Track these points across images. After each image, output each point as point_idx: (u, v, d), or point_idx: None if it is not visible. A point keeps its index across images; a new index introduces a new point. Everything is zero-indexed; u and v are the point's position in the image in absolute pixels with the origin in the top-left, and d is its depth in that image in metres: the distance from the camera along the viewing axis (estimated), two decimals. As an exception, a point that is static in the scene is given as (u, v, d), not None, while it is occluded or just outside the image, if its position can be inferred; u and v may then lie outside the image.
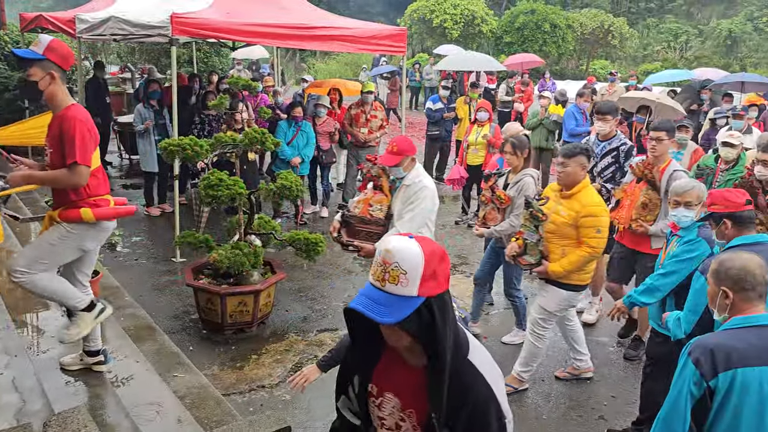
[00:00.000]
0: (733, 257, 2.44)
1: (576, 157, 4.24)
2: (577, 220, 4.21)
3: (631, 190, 5.05)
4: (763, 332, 2.33)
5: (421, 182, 4.34)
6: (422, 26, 26.30)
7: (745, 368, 2.27)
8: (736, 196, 3.30)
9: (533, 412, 4.53)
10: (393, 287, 1.60)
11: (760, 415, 2.29)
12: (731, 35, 29.77)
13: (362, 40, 7.66)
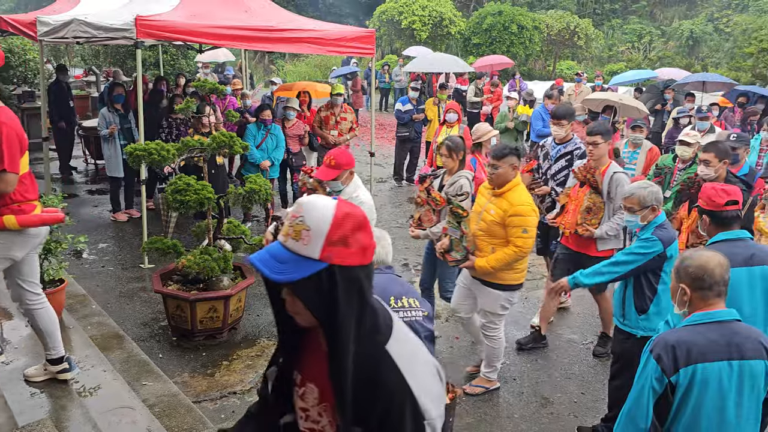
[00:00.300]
0: (694, 255, 2.50)
1: (507, 158, 4.24)
2: (504, 219, 4.23)
3: (575, 195, 5.07)
4: (722, 328, 2.39)
5: (359, 197, 4.24)
6: (391, 28, 26.33)
7: (705, 363, 2.33)
8: (719, 196, 3.34)
9: (505, 411, 4.57)
10: (294, 243, 1.45)
11: (720, 409, 2.35)
12: (693, 36, 30.44)
13: (330, 42, 7.63)
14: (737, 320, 2.43)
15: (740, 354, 2.35)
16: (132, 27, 6.21)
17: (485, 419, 4.48)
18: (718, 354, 2.34)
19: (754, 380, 2.37)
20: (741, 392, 2.36)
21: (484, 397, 4.72)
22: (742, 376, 2.36)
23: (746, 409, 2.39)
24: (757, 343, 2.38)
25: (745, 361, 2.35)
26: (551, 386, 4.93)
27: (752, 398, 2.39)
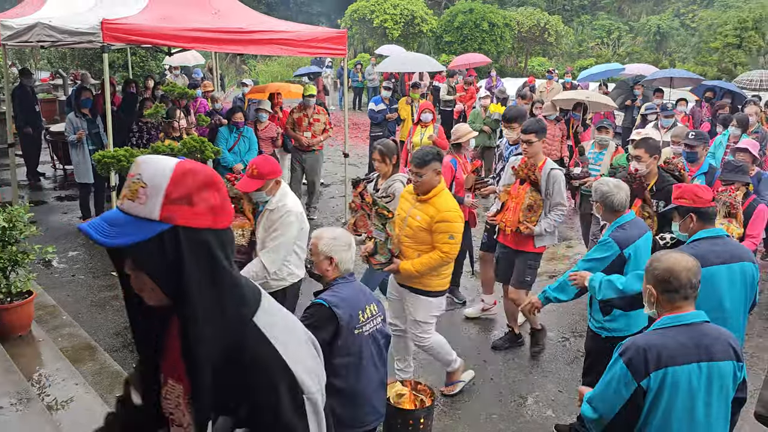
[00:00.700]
0: (662, 257, 2.52)
1: (429, 164, 4.12)
2: (431, 225, 4.13)
3: (515, 192, 5.05)
4: (691, 330, 2.41)
5: (285, 206, 4.05)
6: (363, 26, 26.28)
7: (675, 367, 2.35)
8: (704, 192, 3.39)
9: (483, 412, 4.59)
10: (130, 204, 1.29)
11: (690, 410, 2.39)
12: (660, 31, 30.90)
13: (302, 43, 7.58)
14: (706, 321, 2.46)
15: (709, 356, 2.38)
16: (98, 31, 6.08)
17: (463, 419, 4.49)
18: (688, 357, 2.37)
19: (723, 381, 2.40)
20: (710, 393, 2.40)
21: (462, 398, 4.73)
22: (711, 378, 2.39)
23: (715, 409, 2.42)
24: (726, 344, 2.42)
25: (714, 362, 2.38)
26: (528, 385, 4.96)
27: (721, 398, 2.42)
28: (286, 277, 4.21)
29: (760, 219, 4.97)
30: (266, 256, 4.01)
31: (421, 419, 3.89)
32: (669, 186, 4.57)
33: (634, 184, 4.64)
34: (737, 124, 7.52)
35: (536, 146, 4.96)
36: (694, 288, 2.44)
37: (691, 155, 5.83)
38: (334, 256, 3.13)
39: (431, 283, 4.25)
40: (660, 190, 4.65)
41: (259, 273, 3.99)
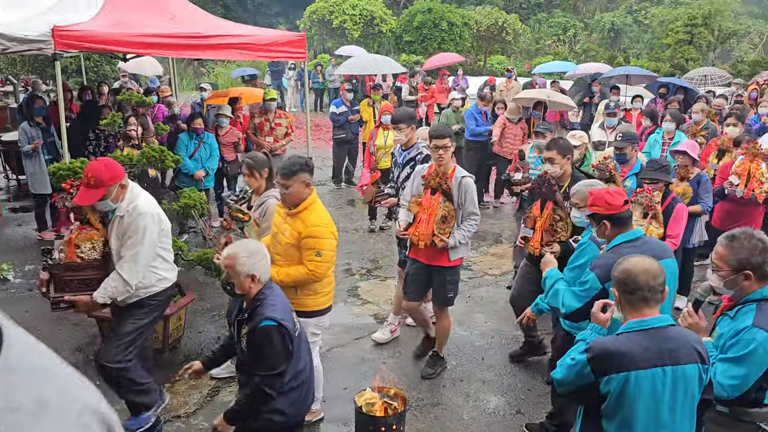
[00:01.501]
0: (622, 261, 2.57)
1: (297, 175, 3.82)
2: (299, 240, 3.85)
3: (427, 203, 4.67)
4: (656, 334, 2.45)
5: (137, 209, 3.73)
6: (322, 27, 26.17)
7: (638, 371, 2.40)
8: (615, 198, 3.35)
9: (455, 414, 4.61)
10: None
11: (655, 413, 2.44)
12: (614, 28, 31.56)
13: (261, 47, 7.49)
14: (671, 325, 2.51)
15: (673, 360, 2.42)
16: (49, 38, 5.89)
17: (435, 423, 4.50)
18: (651, 361, 2.41)
19: (688, 384, 2.44)
20: (675, 397, 2.44)
21: (432, 401, 4.75)
22: (676, 381, 2.43)
23: (680, 412, 2.47)
24: (690, 348, 2.46)
25: (679, 366, 2.42)
26: (498, 385, 5.00)
27: (686, 402, 2.47)
28: (155, 284, 3.99)
29: (679, 218, 4.94)
30: (124, 268, 3.71)
31: (393, 425, 3.88)
32: None
33: (543, 188, 4.64)
34: (671, 118, 7.44)
35: (450, 151, 4.68)
36: (653, 290, 2.45)
37: (620, 157, 5.81)
38: (256, 272, 3.07)
39: (309, 303, 3.96)
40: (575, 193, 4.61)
41: (119, 288, 3.72)
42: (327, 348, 5.53)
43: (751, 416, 2.77)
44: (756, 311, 2.71)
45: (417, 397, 4.78)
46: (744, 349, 2.66)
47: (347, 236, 8.53)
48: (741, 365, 2.67)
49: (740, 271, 2.73)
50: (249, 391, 3.11)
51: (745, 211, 6.36)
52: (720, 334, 2.83)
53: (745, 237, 2.75)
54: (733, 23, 27.52)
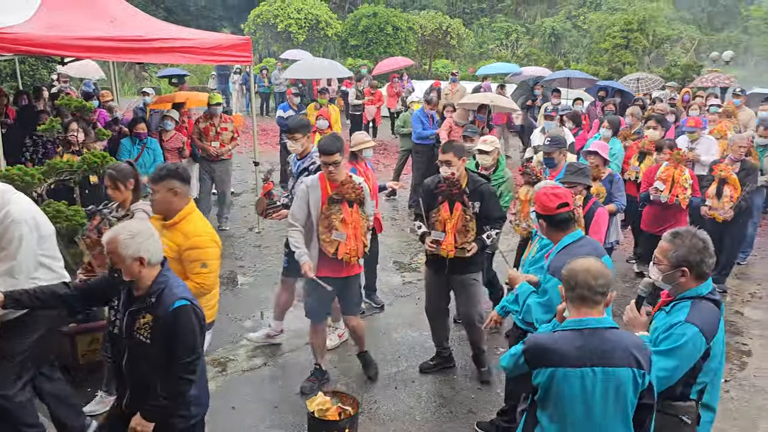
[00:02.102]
0: (572, 260, 2.66)
1: (164, 181, 3.59)
2: (180, 253, 3.61)
3: (349, 217, 4.51)
4: (591, 335, 2.52)
5: (9, 216, 3.40)
6: (267, 31, 25.92)
7: (566, 369, 2.49)
8: (551, 200, 3.47)
9: (407, 416, 4.64)
10: None
11: (587, 410, 2.52)
12: (554, 33, 32.40)
13: (204, 51, 7.38)
14: (612, 328, 2.55)
15: (605, 361, 2.47)
16: (-20, 41, 5.68)
17: (387, 425, 4.52)
18: (581, 360, 2.48)
19: (620, 387, 2.49)
20: (606, 398, 2.49)
21: (385, 403, 4.77)
22: (607, 383, 2.48)
23: (612, 414, 2.51)
24: (626, 352, 2.50)
25: (611, 368, 2.47)
26: (449, 385, 5.06)
27: (618, 404, 2.51)
28: None
29: (601, 222, 4.95)
30: (4, 282, 3.36)
31: (346, 429, 3.89)
32: (480, 186, 4.68)
33: (454, 189, 4.61)
34: (608, 125, 7.54)
35: (341, 168, 4.53)
36: (592, 290, 2.52)
37: (548, 161, 5.86)
38: (143, 254, 2.82)
39: None
40: (473, 192, 4.67)
41: None
42: (279, 353, 5.49)
43: (675, 409, 2.84)
44: (690, 308, 2.80)
45: (369, 400, 4.80)
46: (675, 342, 2.74)
47: (296, 241, 8.47)
48: (670, 358, 2.74)
49: (678, 267, 2.82)
50: (169, 381, 2.91)
51: (671, 215, 6.55)
52: (655, 328, 2.90)
53: (687, 235, 2.85)
54: (666, 28, 28.66)
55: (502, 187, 5.68)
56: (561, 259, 3.33)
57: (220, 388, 4.94)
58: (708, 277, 2.88)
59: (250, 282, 7.11)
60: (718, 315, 2.86)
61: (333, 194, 4.46)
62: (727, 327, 6.22)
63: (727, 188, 6.66)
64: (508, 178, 5.75)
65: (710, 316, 2.81)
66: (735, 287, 7.33)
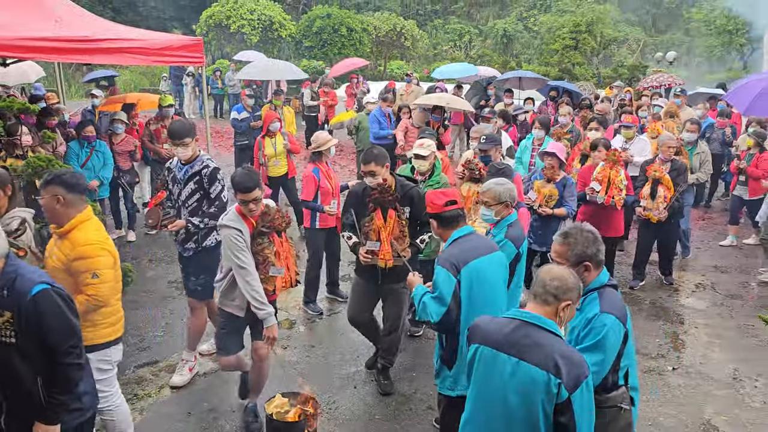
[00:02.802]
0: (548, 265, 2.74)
1: (48, 186, 3.41)
2: (69, 264, 3.42)
3: (281, 248, 4.24)
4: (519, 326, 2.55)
5: None
6: (220, 32, 25.57)
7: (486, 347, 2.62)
8: (438, 198, 3.63)
9: (366, 414, 4.66)
10: None
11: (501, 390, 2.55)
12: (506, 34, 32.90)
13: (155, 51, 7.22)
14: (549, 331, 2.52)
15: (521, 355, 2.49)
16: None
17: (347, 424, 4.53)
18: (500, 344, 2.56)
19: (528, 387, 2.46)
20: (517, 392, 2.49)
21: (344, 403, 4.78)
22: (520, 377, 2.48)
23: (520, 415, 2.49)
24: (548, 355, 2.45)
25: (524, 363, 2.47)
26: (408, 383, 5.10)
27: (526, 408, 2.47)
28: None
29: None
30: None
31: (306, 430, 3.88)
32: (410, 191, 4.68)
33: (388, 196, 4.51)
34: (539, 125, 7.63)
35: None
36: (544, 287, 2.55)
37: (484, 159, 5.85)
38: None
39: (88, 335, 3.38)
40: (403, 197, 4.65)
41: None
42: (235, 357, 5.43)
43: (612, 400, 2.91)
44: (600, 299, 2.90)
45: (328, 400, 4.80)
46: (597, 335, 2.80)
47: (253, 243, 8.39)
48: (597, 352, 2.80)
49: (580, 264, 2.91)
50: (56, 374, 2.76)
51: (607, 215, 6.55)
52: (572, 328, 2.94)
53: (577, 232, 2.97)
54: (612, 30, 29.42)
55: None
56: (449, 252, 3.52)
57: (176, 393, 4.86)
58: (603, 264, 3.01)
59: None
60: (622, 298, 3.03)
61: (261, 227, 4.08)
62: (673, 317, 6.47)
63: (660, 188, 6.74)
64: (444, 182, 5.55)
65: (619, 302, 2.94)
66: (680, 279, 7.59)
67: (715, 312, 6.73)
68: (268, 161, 8.19)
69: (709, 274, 7.79)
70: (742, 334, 6.23)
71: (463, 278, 3.43)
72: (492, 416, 2.59)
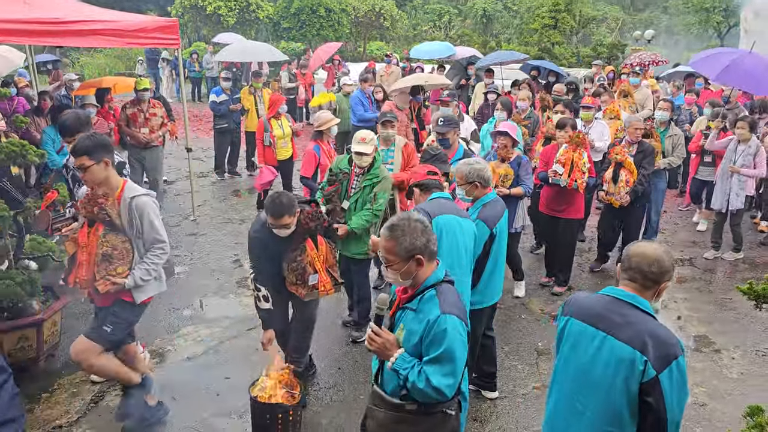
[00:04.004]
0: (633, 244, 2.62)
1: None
2: None
3: (84, 240, 3.76)
4: (612, 303, 2.54)
5: None
6: (196, 14, 25.14)
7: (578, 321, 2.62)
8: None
9: (352, 393, 4.66)
10: None
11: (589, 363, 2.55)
12: (486, 14, 32.75)
13: (129, 33, 7.09)
14: (641, 310, 2.48)
15: (612, 331, 2.47)
16: None
17: (333, 404, 4.54)
18: (593, 319, 2.54)
19: (618, 364, 2.43)
20: (606, 367, 2.46)
21: (329, 383, 4.79)
22: (606, 352, 2.47)
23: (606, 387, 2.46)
24: (639, 334, 2.41)
25: (612, 338, 2.46)
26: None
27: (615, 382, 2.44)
28: None
29: None
30: None
31: (290, 411, 3.87)
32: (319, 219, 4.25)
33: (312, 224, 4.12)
34: (501, 107, 7.39)
35: (95, 171, 3.67)
36: (642, 274, 2.47)
37: (442, 142, 5.64)
38: None
39: None
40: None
41: None
42: (218, 341, 5.41)
43: (438, 405, 2.62)
44: (438, 297, 2.61)
45: (312, 382, 4.79)
46: (443, 343, 2.52)
47: (233, 227, 8.34)
48: (446, 363, 2.53)
49: (411, 258, 2.60)
50: None
51: (569, 196, 6.29)
52: (408, 333, 2.63)
53: (404, 223, 2.63)
54: (591, 9, 29.46)
55: (377, 188, 5.09)
56: (423, 205, 3.84)
57: (159, 378, 4.83)
58: (436, 255, 2.71)
59: (187, 271, 6.95)
60: (460, 293, 2.76)
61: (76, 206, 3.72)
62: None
63: (623, 172, 6.53)
64: (383, 177, 5.15)
65: (458, 299, 2.69)
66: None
67: (693, 286, 6.82)
68: (277, 142, 8.22)
69: (687, 250, 7.89)
70: (720, 307, 6.32)
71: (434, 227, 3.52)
72: (577, 388, 2.58)
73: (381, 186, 5.12)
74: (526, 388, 4.86)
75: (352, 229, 5.01)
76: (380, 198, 5.10)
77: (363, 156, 5.04)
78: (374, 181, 5.09)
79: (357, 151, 5.03)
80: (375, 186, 5.09)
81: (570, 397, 2.62)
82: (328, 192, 5.13)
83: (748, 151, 7.21)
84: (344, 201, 5.13)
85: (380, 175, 5.13)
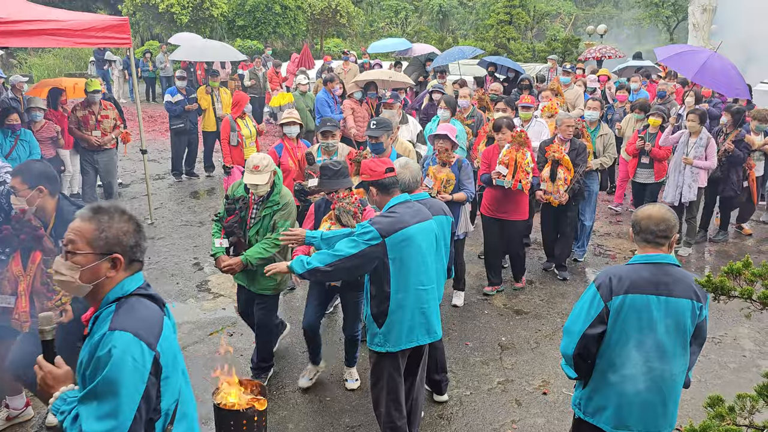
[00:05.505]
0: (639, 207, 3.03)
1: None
2: None
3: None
4: (655, 268, 2.85)
5: None
6: (147, 12, 24.57)
7: (635, 295, 2.81)
8: (378, 165, 3.69)
9: (315, 397, 4.63)
10: None
11: (651, 330, 2.82)
12: (442, 10, 32.95)
13: (78, 33, 6.88)
14: (674, 265, 2.86)
15: (668, 292, 2.81)
16: None
17: (298, 408, 4.49)
18: (648, 288, 2.81)
19: (679, 316, 2.82)
20: (667, 325, 2.81)
21: (293, 387, 4.73)
22: (668, 311, 2.81)
23: (673, 340, 2.83)
24: (687, 285, 2.82)
25: (672, 298, 2.81)
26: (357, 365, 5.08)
27: (679, 332, 2.84)
28: None
29: None
30: None
31: (255, 417, 3.81)
32: None
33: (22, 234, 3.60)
34: (445, 105, 7.11)
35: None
36: (653, 233, 2.85)
37: (375, 146, 5.38)
38: None
39: None
40: None
41: None
42: (181, 347, 5.29)
43: None
44: (115, 311, 1.98)
45: (276, 385, 4.75)
46: (104, 368, 1.84)
47: (192, 230, 8.20)
48: (106, 397, 1.83)
49: (107, 255, 2.02)
50: None
51: (514, 198, 6.13)
52: (79, 364, 1.97)
53: (116, 210, 2.07)
54: (545, 5, 29.90)
55: (277, 215, 4.49)
56: (379, 219, 3.53)
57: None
58: (140, 267, 2.13)
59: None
60: (161, 315, 2.08)
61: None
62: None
63: (560, 170, 6.41)
64: (286, 202, 4.54)
65: (147, 314, 2.01)
66: (616, 247, 7.82)
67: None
68: (245, 141, 8.10)
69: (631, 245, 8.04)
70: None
71: (389, 246, 3.46)
72: (647, 353, 2.81)
73: (282, 215, 4.49)
74: (491, 384, 4.89)
75: (248, 260, 4.39)
76: (280, 227, 4.40)
77: (258, 186, 4.40)
78: (274, 209, 4.47)
79: (251, 183, 4.39)
80: (275, 214, 4.48)
81: (645, 364, 2.82)
82: (228, 223, 4.52)
83: (700, 143, 7.40)
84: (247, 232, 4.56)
85: (281, 202, 4.50)
